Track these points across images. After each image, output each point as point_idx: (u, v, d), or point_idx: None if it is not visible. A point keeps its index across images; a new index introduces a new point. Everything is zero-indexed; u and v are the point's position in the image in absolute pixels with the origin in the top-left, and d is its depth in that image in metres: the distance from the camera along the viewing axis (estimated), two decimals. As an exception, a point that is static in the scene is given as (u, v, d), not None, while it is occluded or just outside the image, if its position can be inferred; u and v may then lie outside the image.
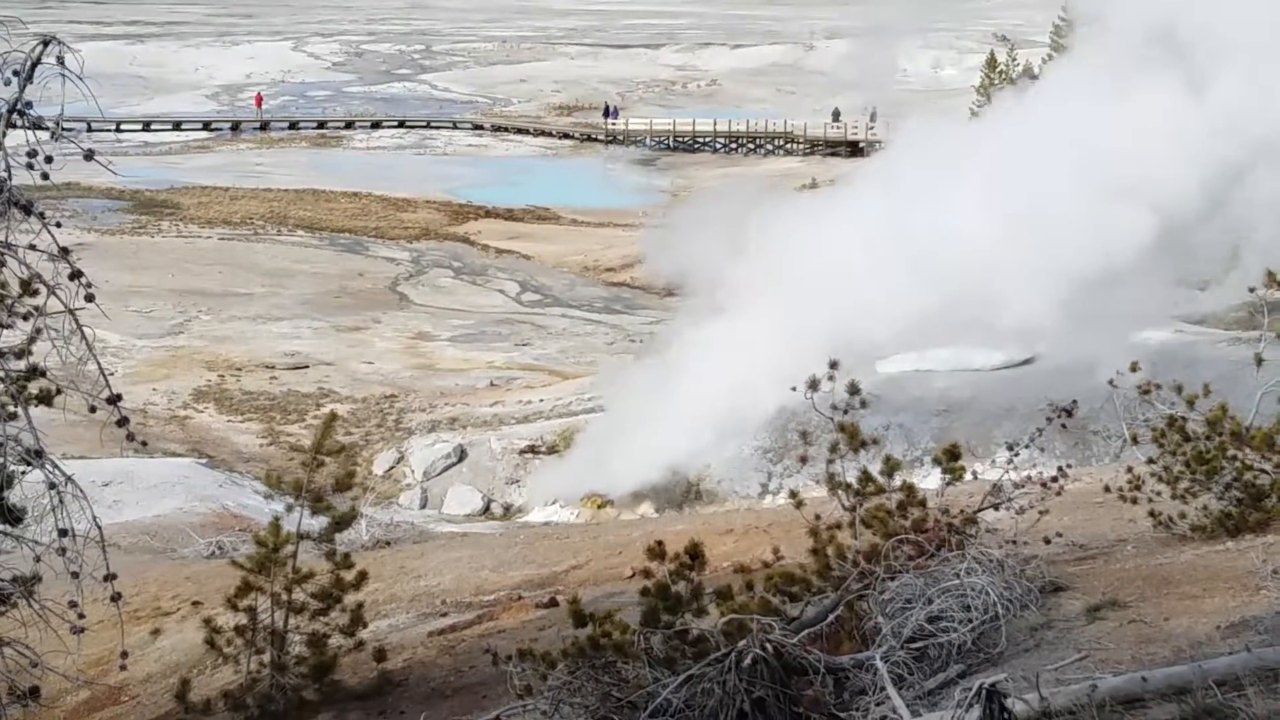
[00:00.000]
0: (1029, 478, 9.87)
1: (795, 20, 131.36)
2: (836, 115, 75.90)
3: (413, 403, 33.05)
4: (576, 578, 15.55)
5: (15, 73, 6.23)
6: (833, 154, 73.95)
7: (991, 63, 66.75)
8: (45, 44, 6.31)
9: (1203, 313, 28.96)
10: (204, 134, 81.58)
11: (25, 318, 6.72)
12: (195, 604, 14.75)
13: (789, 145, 77.16)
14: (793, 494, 10.74)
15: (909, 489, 9.44)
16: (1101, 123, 25.10)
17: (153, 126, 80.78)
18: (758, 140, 78.67)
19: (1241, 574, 8.69)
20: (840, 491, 9.35)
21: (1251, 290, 10.67)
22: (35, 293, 6.60)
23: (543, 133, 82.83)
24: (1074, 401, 10.22)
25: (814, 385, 9.38)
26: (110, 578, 6.78)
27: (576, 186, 68.95)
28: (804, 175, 61.46)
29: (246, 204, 59.85)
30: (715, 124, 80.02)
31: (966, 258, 24.57)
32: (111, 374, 6.71)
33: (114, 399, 6.44)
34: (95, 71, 6.60)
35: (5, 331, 6.91)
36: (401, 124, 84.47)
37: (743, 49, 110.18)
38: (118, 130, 75.84)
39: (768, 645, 7.71)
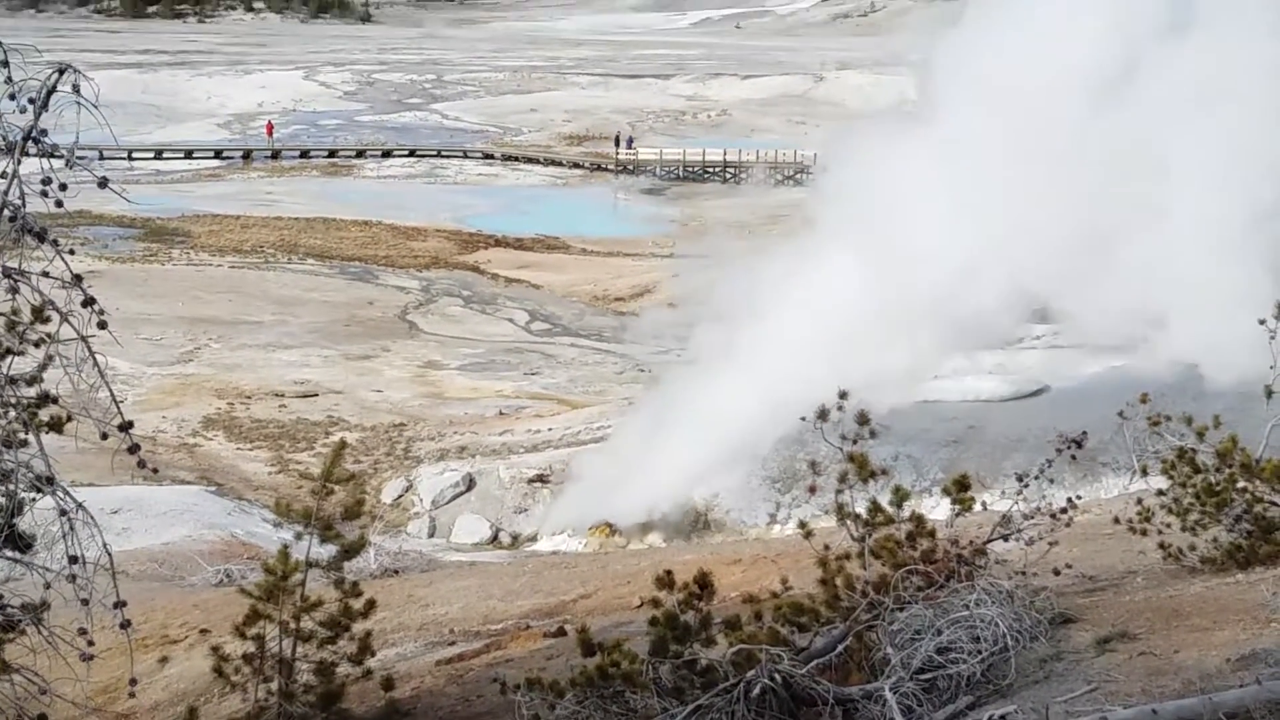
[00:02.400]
0: (1038, 509, 9.83)
1: (806, 51, 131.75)
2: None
3: (422, 431, 33.06)
4: (585, 607, 15.53)
5: (31, 100, 6.26)
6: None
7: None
8: (61, 72, 6.34)
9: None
10: (215, 162, 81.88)
11: (37, 344, 6.74)
12: (203, 632, 14.74)
13: (798, 175, 77.14)
14: (801, 524, 10.74)
15: (918, 519, 9.42)
16: None
17: (165, 154, 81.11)
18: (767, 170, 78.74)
19: (1252, 607, 8.67)
20: (849, 522, 9.33)
21: (1261, 322, 10.63)
22: (48, 320, 6.63)
23: (553, 162, 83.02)
24: (1083, 432, 10.19)
25: (823, 415, 9.37)
26: (120, 605, 6.78)
27: (586, 216, 69.05)
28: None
29: (257, 232, 59.99)
30: (725, 154, 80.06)
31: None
32: (122, 401, 6.73)
33: (125, 426, 6.45)
34: (108, 100, 6.64)
35: (17, 358, 6.93)
36: (412, 153, 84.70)
37: (753, 79, 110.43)
38: (130, 158, 76.03)
39: (776, 675, 7.71)
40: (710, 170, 79.63)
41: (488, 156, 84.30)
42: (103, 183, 6.52)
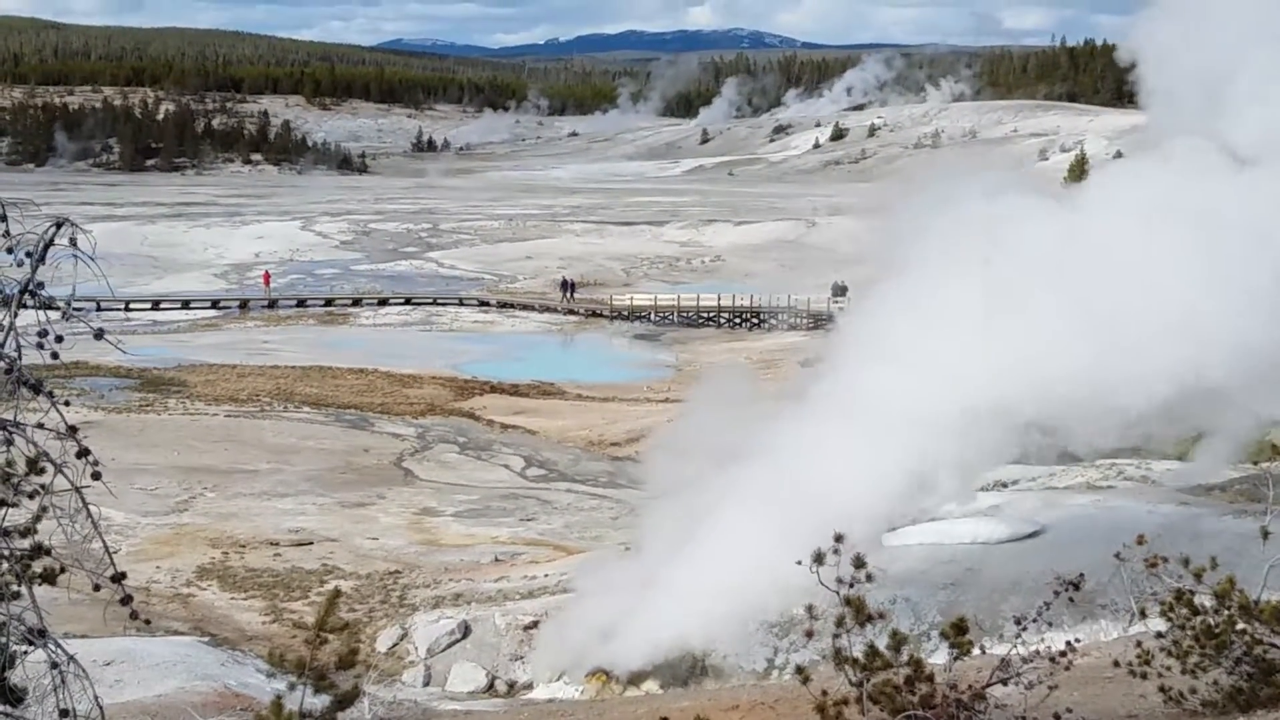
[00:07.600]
0: (1037, 652, 9.78)
1: (798, 198, 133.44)
2: (841, 290, 74.39)
3: (417, 579, 32.87)
4: (582, 757, 15.37)
5: (28, 254, 6.34)
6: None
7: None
8: (58, 225, 6.43)
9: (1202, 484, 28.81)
10: (212, 312, 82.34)
11: (31, 496, 6.75)
12: (195, 786, 14.56)
13: (794, 320, 77.71)
14: (799, 669, 10.65)
15: (916, 664, 9.36)
16: None
17: (161, 305, 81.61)
18: (761, 315, 79.36)
19: (1254, 750, 8.60)
20: (847, 667, 9.27)
21: (1255, 463, 10.68)
22: (42, 471, 6.64)
23: (548, 309, 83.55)
24: (1080, 575, 10.18)
25: (819, 559, 9.35)
26: (110, 758, 6.72)
27: (581, 362, 69.40)
28: (807, 349, 61.67)
29: (253, 381, 60.14)
30: (719, 299, 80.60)
31: None
32: (116, 552, 6.73)
33: (118, 577, 6.45)
34: (106, 251, 6.74)
35: (11, 510, 6.93)
36: (408, 301, 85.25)
37: (746, 225, 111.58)
38: (127, 309, 76.56)
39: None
40: (705, 315, 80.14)
41: (483, 304, 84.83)
42: (99, 334, 6.58)
